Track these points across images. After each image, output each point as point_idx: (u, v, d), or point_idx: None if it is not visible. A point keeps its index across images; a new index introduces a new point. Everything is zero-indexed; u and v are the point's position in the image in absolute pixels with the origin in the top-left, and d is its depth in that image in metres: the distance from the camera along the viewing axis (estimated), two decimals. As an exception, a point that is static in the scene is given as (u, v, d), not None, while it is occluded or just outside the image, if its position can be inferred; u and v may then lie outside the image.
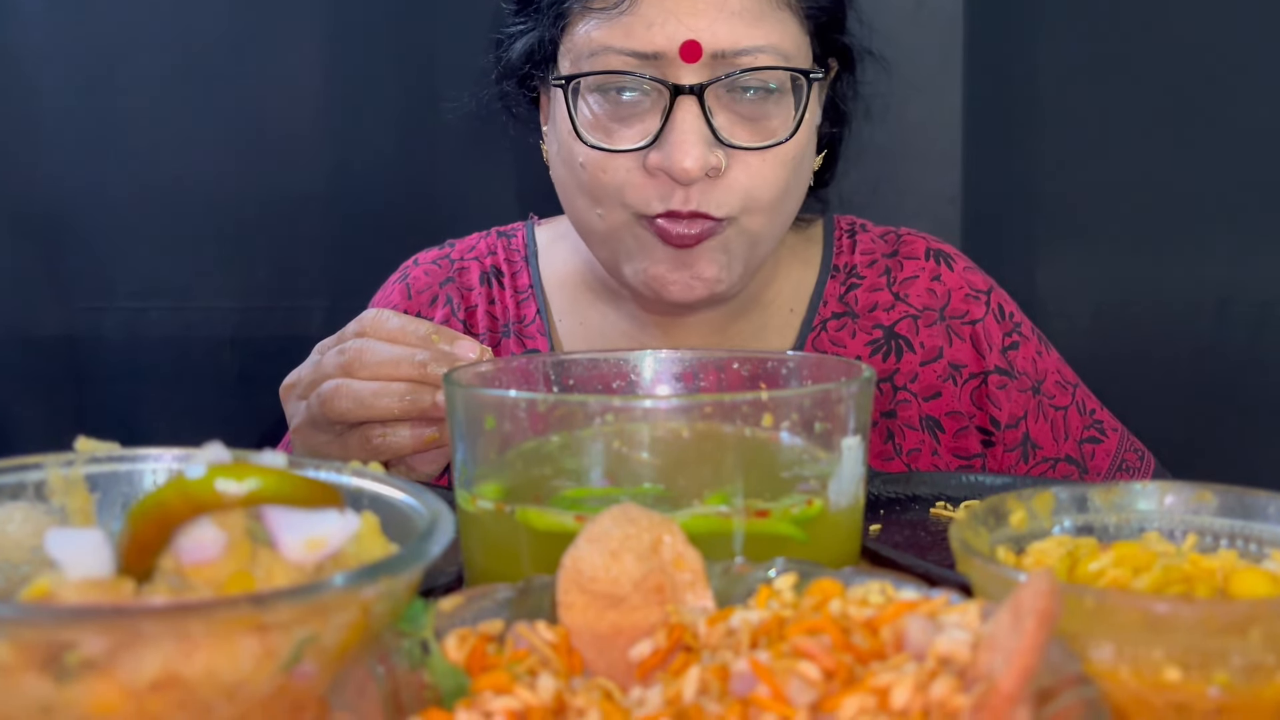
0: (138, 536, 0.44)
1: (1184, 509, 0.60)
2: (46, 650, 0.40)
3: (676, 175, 0.99)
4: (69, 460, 0.53)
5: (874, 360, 1.17)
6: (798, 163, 1.06)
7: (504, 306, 1.21)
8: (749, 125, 1.02)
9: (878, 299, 1.20)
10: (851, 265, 1.22)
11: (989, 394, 1.17)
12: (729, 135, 1.01)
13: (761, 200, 1.04)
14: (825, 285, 1.21)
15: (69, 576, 0.43)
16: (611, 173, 1.03)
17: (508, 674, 0.44)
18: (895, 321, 1.19)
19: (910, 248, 1.23)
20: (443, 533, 0.47)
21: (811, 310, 1.20)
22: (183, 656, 0.40)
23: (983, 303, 1.20)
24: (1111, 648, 0.47)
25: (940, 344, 1.18)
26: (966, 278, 1.21)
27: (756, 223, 1.05)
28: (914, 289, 1.20)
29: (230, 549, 0.45)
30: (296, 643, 0.42)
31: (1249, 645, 0.45)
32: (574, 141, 1.04)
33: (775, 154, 1.03)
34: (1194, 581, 0.53)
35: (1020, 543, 0.59)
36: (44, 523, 0.52)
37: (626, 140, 1.02)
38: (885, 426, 1.16)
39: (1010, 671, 0.38)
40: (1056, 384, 1.20)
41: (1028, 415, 1.18)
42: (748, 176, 1.02)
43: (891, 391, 1.17)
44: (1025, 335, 1.21)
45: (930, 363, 1.18)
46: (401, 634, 0.45)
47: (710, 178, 1.01)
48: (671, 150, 0.99)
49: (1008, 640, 0.39)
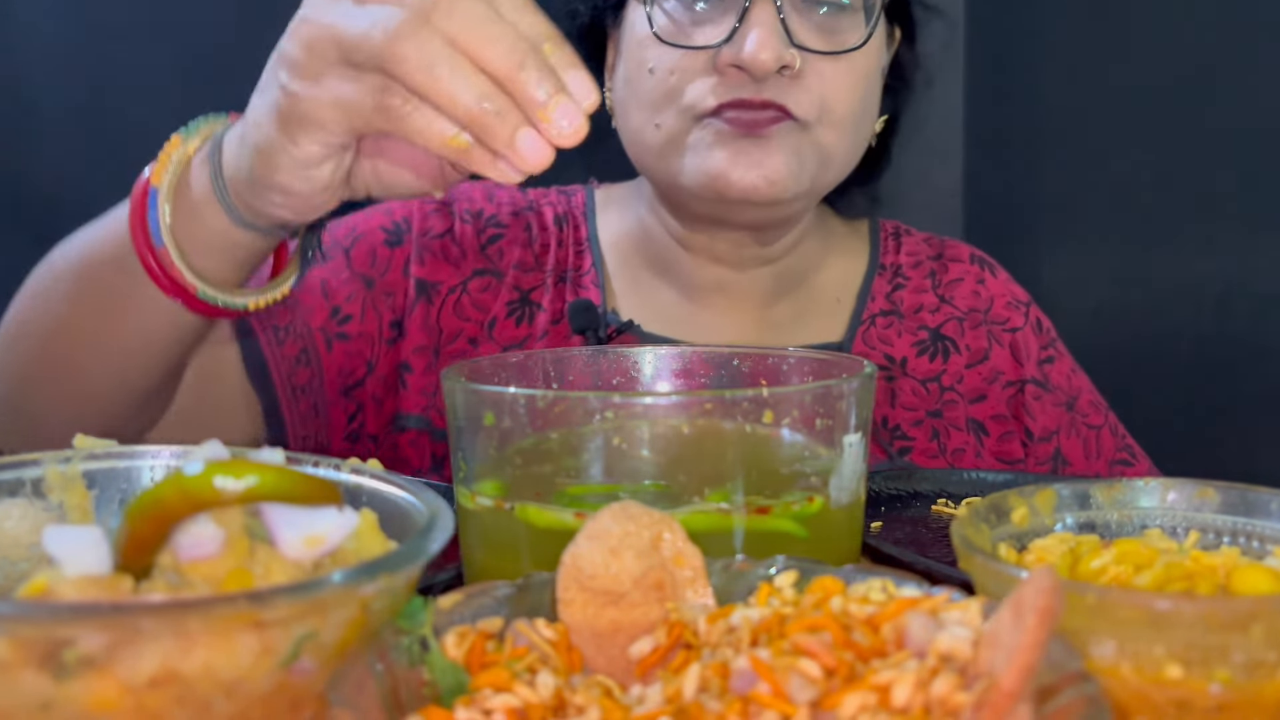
0: (136, 533, 0.44)
1: (1186, 506, 0.60)
2: (45, 647, 0.40)
3: (750, 67, 0.98)
4: (67, 457, 0.53)
5: (921, 360, 1.17)
6: (869, 83, 1.07)
7: (566, 253, 1.19)
8: (823, 35, 1.03)
9: (923, 300, 1.21)
10: (898, 265, 1.22)
11: (1025, 403, 1.17)
12: (803, 39, 1.02)
13: (836, 111, 1.04)
14: (873, 281, 1.21)
15: (67, 573, 0.43)
16: (679, 74, 1.03)
17: (507, 671, 0.44)
18: (941, 323, 1.19)
19: (954, 252, 1.24)
20: (442, 530, 0.47)
21: (860, 304, 1.20)
22: (181, 653, 0.40)
23: (1022, 314, 1.21)
24: (1113, 645, 0.47)
25: (984, 347, 1.19)
26: (1009, 287, 1.23)
27: (830, 137, 1.04)
28: (959, 292, 1.21)
29: (228, 546, 0.45)
30: (295, 640, 0.42)
31: (1251, 642, 0.45)
32: (644, 49, 1.05)
33: (849, 64, 1.04)
34: (1196, 578, 0.53)
35: (1022, 540, 0.59)
36: (42, 519, 0.52)
37: (701, 40, 1.02)
38: (931, 425, 1.16)
39: (1011, 669, 0.38)
40: (1090, 403, 1.21)
41: (1060, 430, 1.18)
42: (821, 83, 1.02)
43: (939, 391, 1.17)
44: (1060, 352, 1.22)
45: (975, 365, 1.18)
46: (400, 631, 0.44)
47: (785, 77, 1.01)
48: (746, 42, 0.98)
49: (1009, 637, 0.39)
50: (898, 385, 1.16)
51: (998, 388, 1.18)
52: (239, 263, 0.81)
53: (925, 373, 1.17)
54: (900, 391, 1.16)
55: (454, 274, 1.14)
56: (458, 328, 1.12)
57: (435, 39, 0.61)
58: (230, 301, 0.81)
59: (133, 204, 0.80)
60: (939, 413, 1.17)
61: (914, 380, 1.16)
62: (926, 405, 1.16)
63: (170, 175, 0.79)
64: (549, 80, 0.62)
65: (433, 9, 0.62)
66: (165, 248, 0.78)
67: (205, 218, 0.79)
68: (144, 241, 0.79)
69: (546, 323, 1.13)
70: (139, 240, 0.79)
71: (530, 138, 0.63)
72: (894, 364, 1.17)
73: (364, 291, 1.09)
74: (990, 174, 1.60)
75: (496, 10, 0.63)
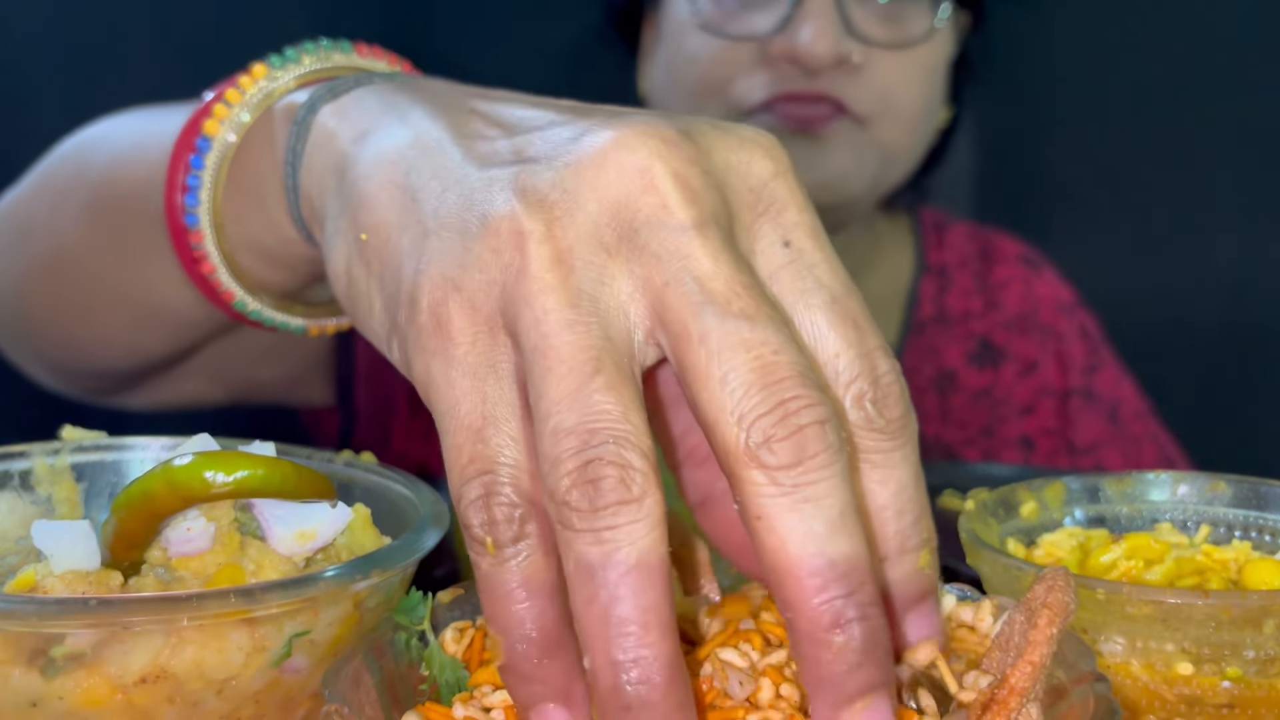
0: (124, 527, 0.44)
1: (1197, 499, 0.59)
2: (33, 643, 0.39)
3: (804, 59, 0.89)
4: (55, 449, 0.53)
5: (971, 370, 1.12)
6: (936, 76, 0.98)
7: None
8: (885, 24, 0.94)
9: (970, 305, 1.15)
10: (944, 265, 1.16)
11: (1069, 415, 1.13)
12: (864, 30, 0.92)
13: (902, 105, 0.95)
14: (920, 285, 1.14)
15: (55, 568, 0.43)
16: (724, 65, 0.94)
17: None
18: (989, 330, 1.14)
19: (1000, 250, 1.18)
20: (437, 525, 0.46)
21: (909, 310, 1.14)
22: (171, 650, 0.40)
23: (1069, 317, 1.16)
24: (1123, 641, 0.46)
25: (1034, 356, 1.14)
26: (1055, 289, 1.17)
27: (893, 133, 0.96)
28: (1006, 295, 1.15)
29: (219, 540, 0.44)
30: (287, 637, 0.41)
31: (1262, 638, 0.45)
32: (686, 36, 0.96)
33: (913, 56, 0.95)
34: (1207, 573, 0.52)
35: (1031, 534, 0.58)
36: (30, 513, 0.51)
37: (749, 28, 0.93)
38: (984, 446, 1.11)
39: (1020, 666, 0.37)
40: (1133, 412, 1.16)
41: (1101, 445, 1.13)
42: (884, 77, 0.94)
43: (990, 407, 1.12)
44: (1105, 359, 1.17)
45: (1025, 375, 1.14)
46: (399, 626, 0.44)
47: (844, 71, 0.92)
48: (801, 32, 0.89)
49: (1020, 637, 0.38)
50: (949, 401, 1.11)
51: (1045, 399, 1.13)
52: (294, 269, 0.59)
53: (977, 385, 1.12)
54: (952, 408, 1.11)
55: None
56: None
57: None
58: (278, 321, 0.60)
59: (176, 152, 0.58)
60: (991, 430, 1.12)
61: (966, 394, 1.11)
62: (979, 422, 1.12)
63: (234, 125, 0.57)
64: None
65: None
66: (200, 230, 0.57)
67: (266, 202, 0.56)
68: (175, 206, 0.58)
69: None
70: (171, 201, 0.58)
71: None
72: (945, 377, 1.11)
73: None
74: (1001, 164, 1.59)
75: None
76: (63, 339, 0.78)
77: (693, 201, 0.38)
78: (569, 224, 0.38)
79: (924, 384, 1.11)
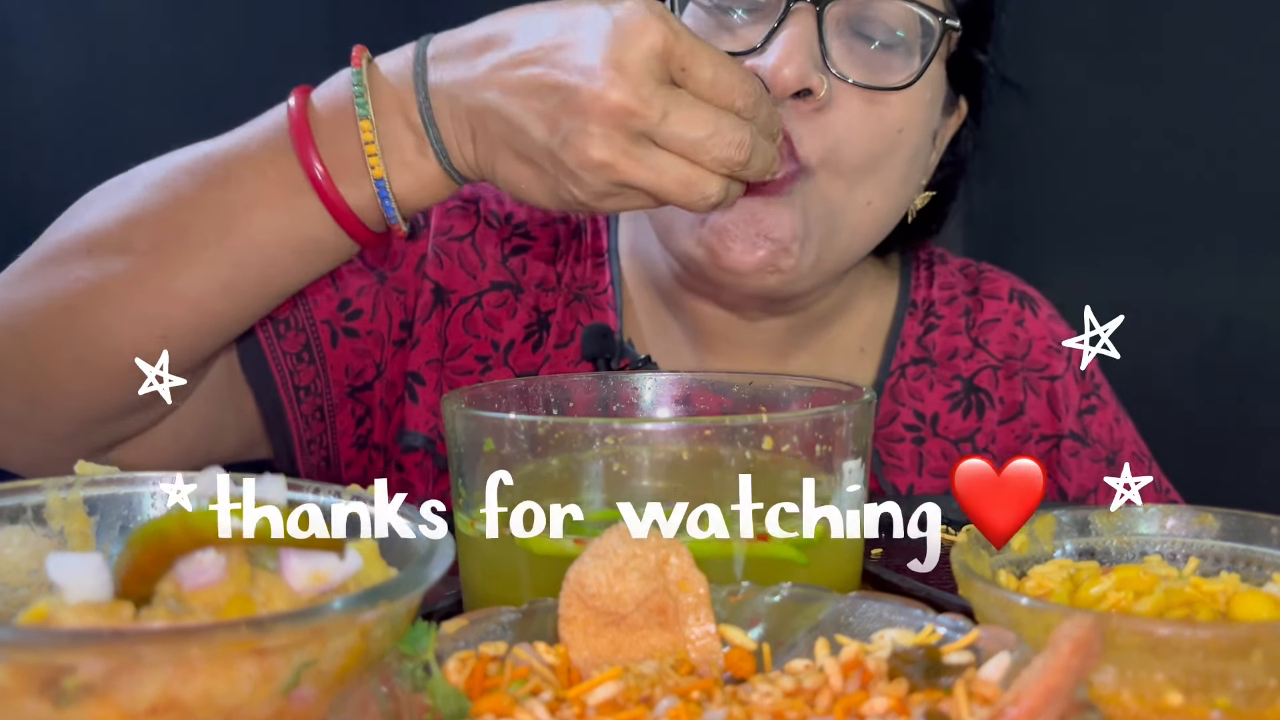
0: (137, 562, 0.44)
1: (1185, 532, 0.60)
2: (45, 674, 0.40)
3: (770, 81, 0.86)
4: (68, 483, 0.53)
5: (954, 417, 1.07)
6: (902, 139, 0.93)
7: (585, 266, 1.07)
8: (866, 69, 0.90)
9: (956, 344, 1.10)
10: (930, 301, 1.11)
11: (1060, 460, 1.08)
12: (839, 64, 0.89)
13: (849, 157, 0.90)
14: (903, 324, 1.10)
15: (68, 600, 0.43)
16: None
17: (508, 697, 0.44)
18: (975, 372, 1.09)
19: (992, 286, 1.13)
20: (442, 557, 0.47)
21: (888, 352, 1.09)
22: (181, 680, 0.40)
23: (1064, 358, 1.10)
24: (1114, 671, 0.46)
25: (1019, 399, 1.09)
26: (1050, 327, 1.12)
27: (836, 189, 0.91)
28: (994, 334, 1.10)
29: (230, 571, 0.45)
30: (295, 667, 0.42)
31: (1251, 668, 0.45)
32: None
33: (878, 113, 0.91)
34: (1196, 605, 0.53)
35: (1022, 566, 0.59)
36: (42, 546, 0.52)
37: (731, 45, 0.89)
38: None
39: (1034, 688, 0.37)
40: (1133, 456, 1.11)
41: (1099, 489, 1.08)
42: (845, 121, 0.90)
43: (971, 453, 1.02)
44: (1104, 399, 1.11)
45: (1009, 421, 1.09)
46: (404, 656, 0.44)
47: (806, 104, 0.88)
48: (772, 53, 0.87)
49: (1039, 665, 0.38)
50: (926, 449, 1.06)
51: (1032, 444, 1.08)
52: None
53: (957, 431, 1.07)
54: (929, 456, 1.06)
55: (470, 284, 1.03)
56: (464, 343, 1.03)
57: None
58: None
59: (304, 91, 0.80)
60: None
61: (945, 441, 1.07)
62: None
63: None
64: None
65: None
66: (369, 118, 0.77)
67: (399, 124, 0.78)
68: (302, 121, 0.78)
69: (555, 342, 1.04)
70: (299, 119, 0.79)
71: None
72: (924, 423, 1.07)
73: (376, 286, 1.00)
74: (989, 199, 1.60)
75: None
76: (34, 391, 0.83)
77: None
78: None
79: (900, 431, 1.07)
